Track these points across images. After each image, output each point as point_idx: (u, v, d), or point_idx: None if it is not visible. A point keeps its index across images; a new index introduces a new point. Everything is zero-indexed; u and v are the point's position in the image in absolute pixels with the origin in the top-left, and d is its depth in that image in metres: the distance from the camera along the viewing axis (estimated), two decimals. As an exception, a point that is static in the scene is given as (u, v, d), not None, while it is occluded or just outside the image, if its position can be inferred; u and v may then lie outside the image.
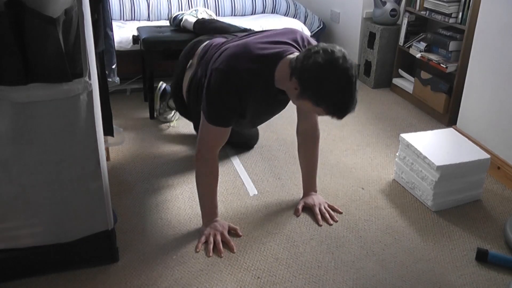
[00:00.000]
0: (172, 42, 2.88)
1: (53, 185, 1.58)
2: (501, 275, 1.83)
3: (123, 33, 3.19)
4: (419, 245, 1.98)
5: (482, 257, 1.89)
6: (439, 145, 2.29)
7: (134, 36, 3.08)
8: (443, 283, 1.79)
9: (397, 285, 1.77)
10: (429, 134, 2.42)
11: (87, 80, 1.49)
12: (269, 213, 2.15)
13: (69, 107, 1.48)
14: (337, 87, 1.62)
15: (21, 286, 1.69)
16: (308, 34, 3.58)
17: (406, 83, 3.48)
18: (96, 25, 1.80)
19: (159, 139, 2.78)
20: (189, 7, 3.69)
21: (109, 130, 2.06)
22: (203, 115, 1.84)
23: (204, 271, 1.79)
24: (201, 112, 1.85)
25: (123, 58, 2.94)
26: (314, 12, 4.15)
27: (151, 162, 2.53)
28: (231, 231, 1.98)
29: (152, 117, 3.02)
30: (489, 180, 2.45)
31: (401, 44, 3.44)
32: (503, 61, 2.44)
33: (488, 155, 2.23)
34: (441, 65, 3.00)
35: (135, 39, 3.08)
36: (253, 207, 2.18)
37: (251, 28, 2.88)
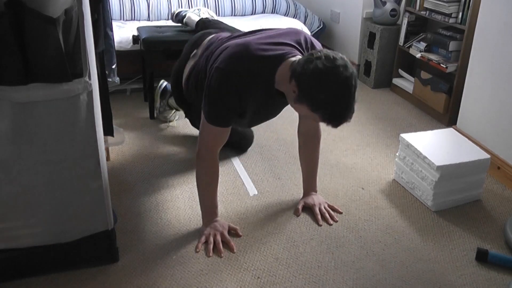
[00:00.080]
0: (172, 42, 2.88)
1: (53, 185, 1.58)
2: (501, 275, 1.83)
3: (123, 33, 3.20)
4: (419, 245, 1.98)
5: (482, 257, 1.89)
6: (439, 145, 2.29)
7: (134, 36, 3.08)
8: (443, 283, 1.79)
9: (397, 285, 1.77)
10: (429, 134, 2.42)
11: (87, 80, 1.49)
12: (269, 213, 2.15)
13: (69, 107, 1.48)
14: (335, 95, 1.60)
15: (21, 286, 1.69)
16: (302, 30, 3.58)
17: (406, 83, 3.48)
18: (96, 25, 1.80)
19: (159, 139, 2.78)
20: (189, 7, 3.69)
21: (109, 130, 2.06)
22: (203, 115, 1.84)
23: (204, 271, 1.79)
24: (202, 112, 1.85)
25: (123, 58, 2.94)
26: (314, 12, 4.15)
27: (151, 162, 2.53)
28: (231, 231, 1.98)
29: (152, 117, 3.02)
30: (489, 180, 2.45)
31: (401, 44, 3.44)
32: (503, 61, 2.44)
33: (488, 155, 2.23)
34: (441, 65, 3.00)
35: (135, 39, 3.08)
36: (253, 207, 2.18)
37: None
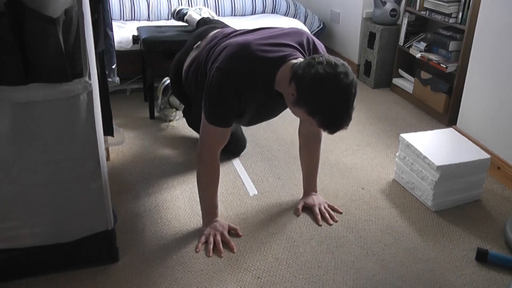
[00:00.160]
0: (172, 42, 2.88)
1: (53, 185, 1.58)
2: (501, 275, 1.83)
3: (123, 33, 3.20)
4: (419, 245, 1.98)
5: (482, 257, 1.89)
6: (439, 145, 2.29)
7: (134, 36, 3.08)
8: (443, 283, 1.79)
9: (397, 285, 1.77)
10: (429, 134, 2.42)
11: (87, 80, 1.49)
12: (269, 213, 2.15)
13: (69, 107, 1.48)
14: (333, 102, 1.59)
15: (21, 286, 1.69)
16: (306, 31, 3.57)
17: (406, 83, 3.48)
18: (96, 25, 1.80)
19: (159, 139, 2.78)
20: (190, 6, 3.69)
21: (109, 130, 2.06)
22: (203, 115, 1.84)
23: (204, 271, 1.79)
24: (202, 112, 1.85)
25: (123, 58, 2.94)
26: (314, 12, 4.15)
27: (151, 162, 2.53)
28: (231, 231, 1.98)
29: (152, 117, 3.02)
30: (489, 180, 2.45)
31: (401, 44, 3.44)
32: (503, 61, 2.44)
33: (488, 155, 2.23)
34: (441, 65, 3.00)
35: (135, 39, 3.08)
36: (253, 207, 2.18)
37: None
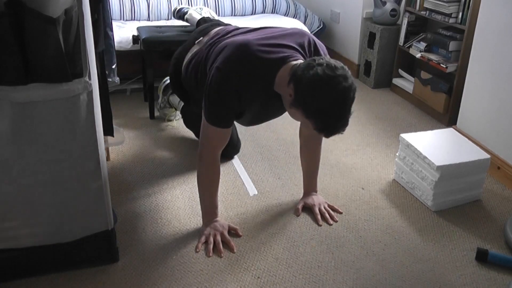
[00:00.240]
0: (172, 42, 2.88)
1: (53, 185, 1.58)
2: (501, 275, 1.83)
3: (123, 33, 3.20)
4: (419, 245, 1.98)
5: (482, 257, 1.89)
6: (439, 145, 2.29)
7: (134, 36, 3.08)
8: (443, 283, 1.79)
9: (397, 285, 1.77)
10: (429, 134, 2.42)
11: (87, 80, 1.49)
12: (269, 213, 2.15)
13: (69, 107, 1.48)
14: (329, 104, 1.58)
15: (21, 286, 1.69)
16: (308, 32, 3.57)
17: (406, 83, 3.48)
18: (96, 25, 1.80)
19: (159, 139, 2.78)
20: (190, 6, 3.69)
21: (109, 130, 2.06)
22: (203, 116, 1.84)
23: (204, 271, 1.79)
24: (202, 113, 1.85)
25: (123, 58, 2.94)
26: (314, 12, 4.15)
27: (151, 162, 2.53)
28: (231, 231, 1.98)
29: (152, 117, 3.02)
30: (489, 180, 2.45)
31: (401, 44, 3.44)
32: (503, 61, 2.44)
33: (488, 155, 2.23)
34: (441, 65, 3.00)
35: (135, 39, 3.08)
36: (253, 207, 2.18)
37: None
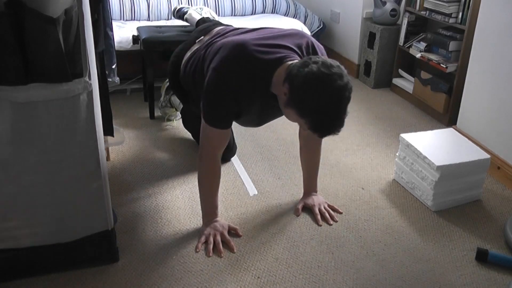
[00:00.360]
0: (172, 42, 2.88)
1: (53, 185, 1.58)
2: (501, 275, 1.83)
3: (123, 33, 3.19)
4: (419, 245, 1.98)
5: (482, 257, 1.89)
6: (439, 145, 2.29)
7: (134, 36, 3.08)
8: (443, 283, 1.79)
9: (397, 285, 1.77)
10: (429, 134, 2.42)
11: (87, 80, 1.49)
12: (269, 213, 2.15)
13: (69, 107, 1.48)
14: (324, 103, 1.56)
15: (21, 286, 1.69)
16: (308, 34, 3.57)
17: (406, 83, 3.48)
18: (96, 25, 1.80)
19: (159, 139, 2.78)
20: (190, 6, 3.69)
21: (109, 130, 2.06)
22: (202, 117, 1.84)
23: (204, 271, 1.79)
24: (201, 114, 1.85)
25: (123, 58, 2.94)
26: (314, 12, 4.15)
27: (151, 162, 2.53)
28: (231, 231, 1.98)
29: (152, 117, 3.02)
30: (489, 180, 2.45)
31: (401, 44, 3.44)
32: (503, 61, 2.44)
33: (488, 155, 2.23)
34: (441, 65, 3.00)
35: (135, 39, 3.08)
36: (253, 207, 2.18)
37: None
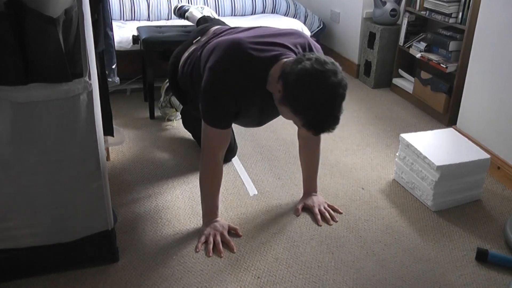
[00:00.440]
0: (172, 42, 2.88)
1: (53, 185, 1.58)
2: (501, 275, 1.83)
3: (123, 33, 3.20)
4: (419, 245, 1.98)
5: (482, 257, 1.89)
6: (439, 145, 2.29)
7: (134, 36, 3.08)
8: (443, 283, 1.79)
9: (397, 285, 1.77)
10: (429, 134, 2.42)
11: (87, 80, 1.49)
12: (269, 213, 2.14)
13: (69, 107, 1.48)
14: (317, 100, 1.54)
15: (21, 286, 1.69)
16: (308, 34, 3.57)
17: (406, 83, 3.48)
18: (96, 25, 1.80)
19: (159, 139, 2.78)
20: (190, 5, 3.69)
21: (109, 130, 2.06)
22: (202, 117, 1.84)
23: (204, 271, 1.79)
24: (201, 115, 1.84)
25: (123, 58, 2.94)
26: (314, 12, 4.15)
27: (151, 162, 2.53)
28: (231, 231, 1.98)
29: (152, 117, 3.02)
30: (489, 180, 2.45)
31: (401, 44, 3.44)
32: (503, 61, 2.44)
33: (488, 155, 2.23)
34: (441, 65, 3.00)
35: (135, 39, 3.08)
36: (253, 207, 2.18)
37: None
